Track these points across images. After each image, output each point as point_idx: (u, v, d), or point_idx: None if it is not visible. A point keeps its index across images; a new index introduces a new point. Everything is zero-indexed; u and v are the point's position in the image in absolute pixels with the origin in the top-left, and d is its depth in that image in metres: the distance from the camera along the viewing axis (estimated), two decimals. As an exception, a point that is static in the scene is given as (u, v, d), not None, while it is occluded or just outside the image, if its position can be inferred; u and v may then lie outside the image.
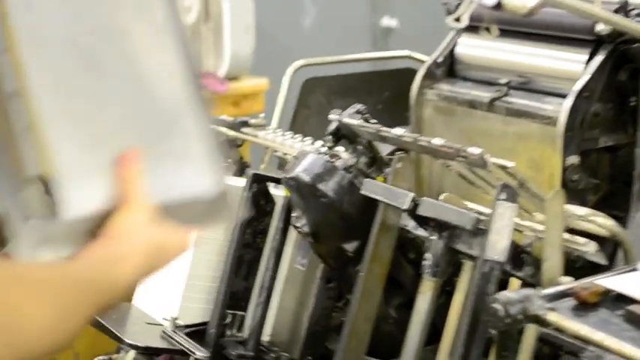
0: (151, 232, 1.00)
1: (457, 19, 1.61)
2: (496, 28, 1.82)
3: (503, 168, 1.85)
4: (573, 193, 2.15)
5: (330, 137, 2.21)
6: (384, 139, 2.07)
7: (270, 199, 2.37)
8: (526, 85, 2.36)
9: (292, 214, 2.22)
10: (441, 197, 2.05)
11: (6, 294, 0.85)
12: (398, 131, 1.99)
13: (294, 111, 2.95)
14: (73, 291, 0.92)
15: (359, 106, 2.21)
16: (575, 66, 2.25)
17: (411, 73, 2.62)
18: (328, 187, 2.06)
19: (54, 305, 0.88)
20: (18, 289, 0.86)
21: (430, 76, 2.48)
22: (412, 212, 1.95)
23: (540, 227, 1.95)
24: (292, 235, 2.30)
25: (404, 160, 2.03)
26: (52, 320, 0.87)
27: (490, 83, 2.40)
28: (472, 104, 2.40)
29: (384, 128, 2.06)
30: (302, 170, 2.09)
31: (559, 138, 2.17)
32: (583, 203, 2.14)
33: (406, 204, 1.93)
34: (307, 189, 2.08)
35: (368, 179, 2.06)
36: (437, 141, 1.89)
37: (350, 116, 2.19)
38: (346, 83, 3.02)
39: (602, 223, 1.98)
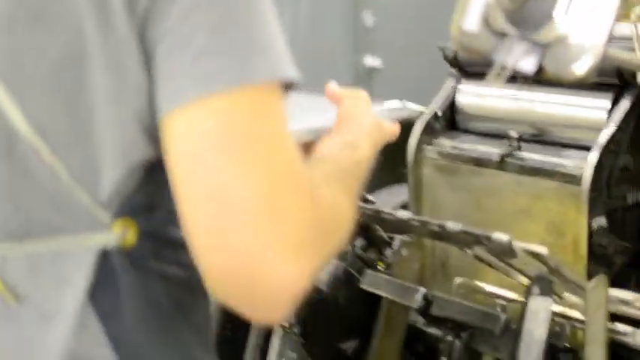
0: (369, 117, 1.21)
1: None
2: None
3: (536, 255, 1.53)
4: (600, 259, 1.92)
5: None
6: (387, 224, 1.73)
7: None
8: (540, 137, 2.08)
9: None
10: (456, 282, 1.74)
11: (329, 191, 0.97)
12: (403, 214, 1.65)
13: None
14: (350, 174, 1.06)
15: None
16: (596, 113, 2.00)
17: (403, 125, 2.28)
18: (320, 279, 1.73)
19: (346, 190, 1.02)
20: (332, 186, 0.99)
21: (429, 131, 2.16)
22: (424, 310, 1.62)
23: (576, 314, 1.65)
24: (278, 330, 1.97)
25: (409, 245, 1.70)
26: (350, 203, 1.01)
27: (499, 136, 2.09)
28: (479, 162, 2.09)
29: (386, 210, 1.71)
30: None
31: (584, 197, 1.91)
32: (609, 268, 1.92)
33: (417, 302, 1.61)
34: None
35: (368, 270, 1.73)
36: (453, 226, 1.55)
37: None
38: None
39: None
